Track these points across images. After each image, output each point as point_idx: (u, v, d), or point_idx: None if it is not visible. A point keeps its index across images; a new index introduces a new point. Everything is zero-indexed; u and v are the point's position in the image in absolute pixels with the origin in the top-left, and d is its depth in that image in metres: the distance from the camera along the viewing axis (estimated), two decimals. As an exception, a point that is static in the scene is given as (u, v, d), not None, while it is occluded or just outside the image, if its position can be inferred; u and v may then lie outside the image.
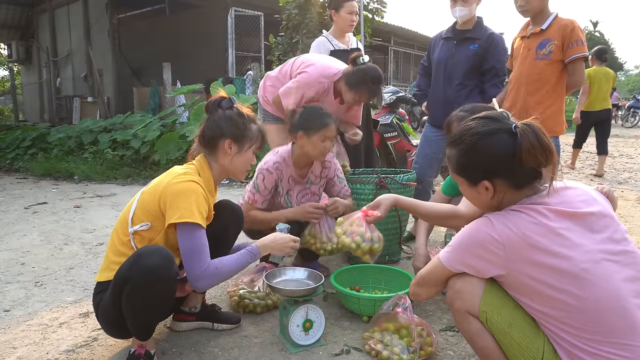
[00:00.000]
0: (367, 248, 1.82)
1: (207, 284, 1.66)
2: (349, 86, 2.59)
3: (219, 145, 1.76)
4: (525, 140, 1.22)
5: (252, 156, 1.83)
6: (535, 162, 1.23)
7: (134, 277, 1.46)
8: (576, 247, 1.18)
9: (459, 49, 2.93)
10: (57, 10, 11.42)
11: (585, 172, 6.50)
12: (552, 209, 1.23)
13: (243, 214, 2.02)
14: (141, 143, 6.52)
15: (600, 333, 1.15)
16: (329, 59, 2.79)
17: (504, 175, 1.27)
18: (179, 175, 1.65)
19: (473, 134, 1.29)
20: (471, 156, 1.30)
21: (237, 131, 1.76)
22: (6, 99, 20.79)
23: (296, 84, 2.66)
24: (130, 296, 1.48)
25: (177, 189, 1.60)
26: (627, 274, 1.19)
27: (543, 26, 2.66)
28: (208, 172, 1.77)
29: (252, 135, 1.80)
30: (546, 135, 1.24)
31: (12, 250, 3.12)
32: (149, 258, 1.47)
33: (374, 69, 2.59)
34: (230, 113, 1.78)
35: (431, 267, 1.41)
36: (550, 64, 2.65)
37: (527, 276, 1.21)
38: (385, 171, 3.13)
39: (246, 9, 8.46)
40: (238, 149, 1.77)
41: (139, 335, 1.63)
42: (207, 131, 1.77)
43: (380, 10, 7.89)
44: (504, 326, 1.27)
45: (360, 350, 1.80)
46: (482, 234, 1.26)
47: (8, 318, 2.10)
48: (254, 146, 1.81)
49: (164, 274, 1.49)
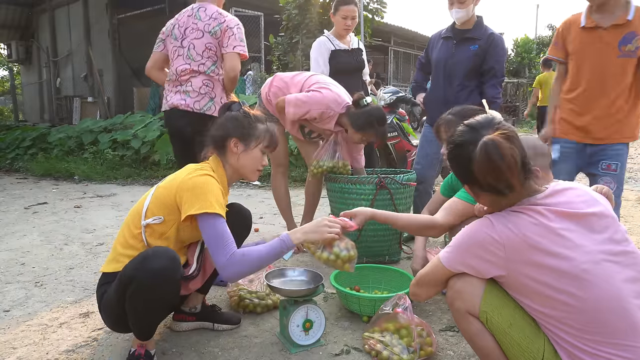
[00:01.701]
0: (346, 257, 1.73)
1: (234, 271, 1.56)
2: (355, 128, 2.65)
3: (227, 145, 1.79)
4: (481, 156, 1.22)
5: (260, 155, 1.82)
6: (484, 180, 1.24)
7: (140, 278, 1.46)
8: (576, 247, 1.18)
9: (459, 49, 2.91)
10: (57, 10, 11.42)
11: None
12: (553, 210, 1.23)
13: (251, 217, 2.03)
14: (141, 143, 6.52)
15: (601, 334, 1.15)
16: (341, 88, 2.80)
17: (475, 184, 1.29)
18: (195, 170, 1.69)
19: (451, 141, 1.35)
20: (451, 161, 1.37)
21: (242, 130, 1.79)
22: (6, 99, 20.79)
23: (307, 99, 2.66)
24: (134, 296, 1.48)
25: (194, 182, 1.62)
26: (628, 275, 1.19)
27: (629, 16, 2.21)
28: (222, 170, 1.80)
29: (259, 134, 1.81)
30: (514, 149, 1.21)
31: (12, 250, 3.12)
32: (156, 260, 1.47)
33: (378, 110, 2.69)
34: (236, 114, 1.82)
35: (431, 268, 1.41)
36: (630, 62, 2.26)
37: (527, 277, 1.21)
38: (385, 171, 3.14)
39: (246, 9, 8.46)
40: (244, 147, 1.79)
41: (141, 336, 1.64)
42: (215, 132, 1.81)
43: (380, 11, 7.90)
44: (504, 326, 1.27)
45: (360, 350, 1.80)
46: (482, 235, 1.26)
47: (8, 318, 2.10)
48: (260, 144, 1.81)
49: (171, 275, 1.50)
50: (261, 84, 7.05)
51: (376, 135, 2.69)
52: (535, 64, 18.71)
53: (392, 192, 2.65)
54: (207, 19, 2.62)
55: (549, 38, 26.80)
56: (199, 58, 2.60)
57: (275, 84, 2.88)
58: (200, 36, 2.61)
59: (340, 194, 2.75)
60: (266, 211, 4.19)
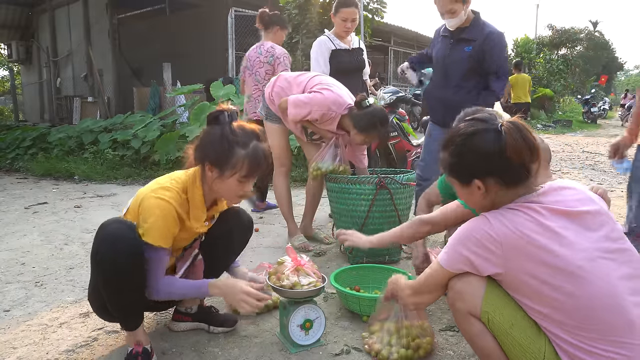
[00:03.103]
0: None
1: (158, 297, 1.66)
2: (358, 129, 2.66)
3: (204, 165, 1.66)
4: (510, 138, 1.24)
5: (235, 185, 1.64)
6: (520, 160, 1.26)
7: (98, 242, 1.54)
8: (572, 245, 1.19)
9: (454, 49, 2.86)
10: (57, 10, 11.41)
11: (585, 172, 6.50)
12: (548, 207, 1.24)
13: (252, 221, 2.02)
14: (141, 143, 6.52)
15: (597, 331, 1.15)
16: (343, 89, 2.80)
17: (493, 173, 1.29)
18: (158, 189, 1.61)
19: (461, 134, 1.34)
20: (460, 156, 1.34)
21: (217, 154, 1.61)
22: (6, 99, 20.77)
23: (308, 100, 2.67)
24: (100, 267, 1.54)
25: (148, 204, 1.58)
26: (624, 272, 1.20)
27: None
28: (198, 186, 1.67)
29: (235, 162, 1.60)
30: (531, 133, 1.27)
31: (12, 250, 3.12)
32: (111, 224, 1.56)
33: (380, 111, 2.69)
34: (217, 132, 1.63)
35: (430, 272, 1.41)
36: None
37: (524, 274, 1.22)
38: (385, 171, 3.14)
39: (246, 9, 8.44)
40: (219, 174, 1.63)
41: (125, 324, 1.66)
42: (195, 147, 1.69)
43: (380, 11, 7.90)
44: (505, 327, 1.26)
45: (360, 350, 1.80)
46: (479, 232, 1.26)
47: (8, 318, 2.10)
48: (237, 174, 1.62)
49: (125, 234, 1.53)
50: (261, 84, 7.05)
51: (379, 137, 2.69)
52: (535, 64, 18.70)
53: (392, 192, 2.65)
54: (265, 52, 3.73)
55: (549, 38, 26.87)
56: (263, 81, 3.66)
57: (279, 83, 2.88)
58: (262, 66, 3.73)
59: (340, 194, 2.75)
60: (267, 211, 4.19)
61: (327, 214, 3.83)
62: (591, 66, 29.94)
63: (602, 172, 6.48)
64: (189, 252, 1.83)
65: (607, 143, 10.73)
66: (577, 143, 10.70)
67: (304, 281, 1.75)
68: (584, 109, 18.59)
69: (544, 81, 18.74)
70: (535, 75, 18.20)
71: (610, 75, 36.86)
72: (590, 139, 12.10)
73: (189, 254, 1.83)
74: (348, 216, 2.75)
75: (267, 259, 2.68)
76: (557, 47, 26.66)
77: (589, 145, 10.31)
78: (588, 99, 18.46)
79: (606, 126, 17.89)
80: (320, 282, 1.79)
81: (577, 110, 20.88)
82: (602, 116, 20.59)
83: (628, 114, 17.38)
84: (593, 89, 23.71)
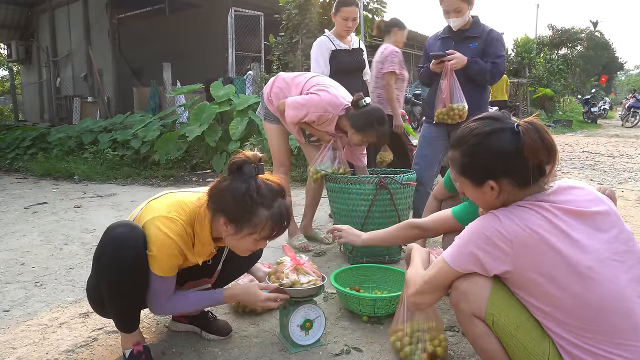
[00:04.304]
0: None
1: (162, 314, 1.82)
2: (356, 129, 2.63)
3: (218, 216, 1.52)
4: (528, 138, 1.22)
5: (251, 244, 1.53)
6: (537, 159, 1.24)
7: (103, 243, 1.53)
8: (582, 245, 1.18)
9: (459, 48, 2.88)
10: (57, 10, 11.41)
11: (585, 172, 6.49)
12: (559, 207, 1.22)
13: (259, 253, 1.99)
14: (141, 143, 6.53)
15: (603, 332, 1.15)
16: (341, 89, 2.78)
17: (508, 173, 1.27)
18: (164, 220, 1.52)
19: (476, 134, 1.30)
20: (475, 156, 1.31)
21: (236, 212, 1.48)
22: (6, 99, 20.77)
23: (305, 101, 2.66)
24: (102, 268, 1.53)
25: (153, 234, 1.51)
26: (633, 274, 1.19)
27: None
28: (206, 227, 1.56)
29: (256, 223, 1.48)
30: (548, 133, 1.25)
31: (12, 250, 3.12)
32: (117, 227, 1.55)
33: (377, 110, 2.65)
34: (240, 188, 1.47)
35: (435, 271, 1.37)
36: None
37: (532, 272, 1.20)
38: (385, 171, 3.13)
39: (246, 9, 8.45)
40: (235, 231, 1.50)
41: (123, 326, 1.64)
42: (212, 195, 1.53)
43: (380, 10, 7.88)
44: (510, 329, 1.25)
45: (361, 350, 1.80)
46: (489, 230, 1.24)
47: (8, 318, 2.10)
48: (255, 234, 1.50)
49: (130, 240, 1.51)
50: (261, 84, 7.05)
51: (377, 136, 2.66)
52: (535, 64, 18.69)
53: (392, 192, 2.65)
54: (379, 54, 3.86)
55: (549, 38, 26.85)
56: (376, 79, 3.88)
57: (277, 84, 2.87)
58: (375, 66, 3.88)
59: (340, 194, 2.75)
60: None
61: (327, 214, 3.83)
62: (591, 66, 29.93)
63: (602, 172, 6.48)
64: (203, 281, 1.82)
65: (607, 143, 10.76)
66: (577, 143, 10.71)
67: (303, 280, 1.74)
68: (584, 108, 18.60)
69: (544, 81, 18.73)
70: (535, 75, 18.20)
71: (611, 75, 36.87)
72: (591, 139, 12.11)
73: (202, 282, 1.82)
74: (348, 216, 2.75)
75: (267, 259, 2.67)
76: (557, 47, 26.63)
77: (589, 145, 10.32)
78: (588, 99, 18.47)
79: (606, 126, 17.90)
80: (319, 280, 1.79)
81: (577, 110, 20.89)
82: (603, 116, 20.61)
83: (628, 114, 17.39)
84: (593, 89, 23.74)
